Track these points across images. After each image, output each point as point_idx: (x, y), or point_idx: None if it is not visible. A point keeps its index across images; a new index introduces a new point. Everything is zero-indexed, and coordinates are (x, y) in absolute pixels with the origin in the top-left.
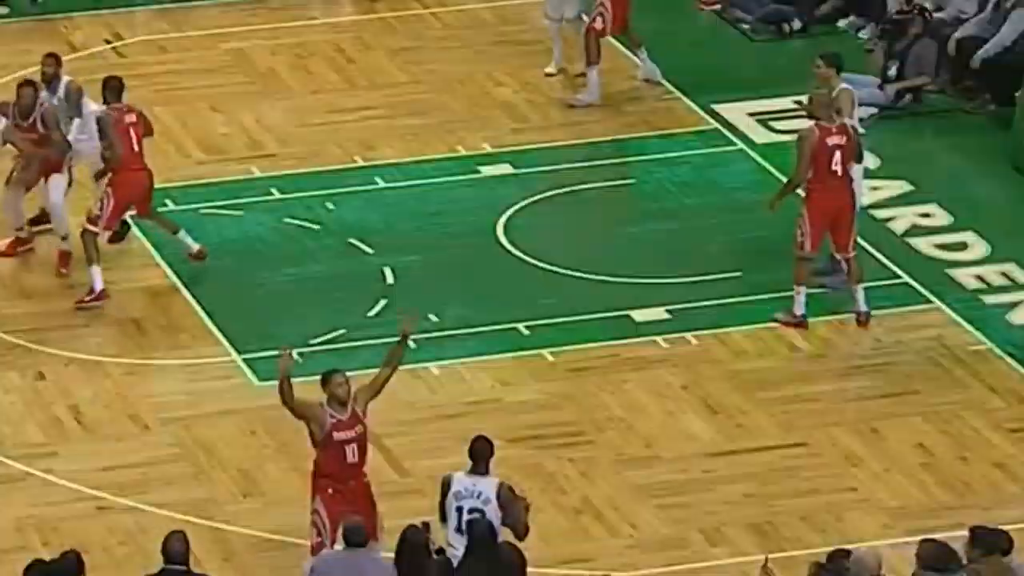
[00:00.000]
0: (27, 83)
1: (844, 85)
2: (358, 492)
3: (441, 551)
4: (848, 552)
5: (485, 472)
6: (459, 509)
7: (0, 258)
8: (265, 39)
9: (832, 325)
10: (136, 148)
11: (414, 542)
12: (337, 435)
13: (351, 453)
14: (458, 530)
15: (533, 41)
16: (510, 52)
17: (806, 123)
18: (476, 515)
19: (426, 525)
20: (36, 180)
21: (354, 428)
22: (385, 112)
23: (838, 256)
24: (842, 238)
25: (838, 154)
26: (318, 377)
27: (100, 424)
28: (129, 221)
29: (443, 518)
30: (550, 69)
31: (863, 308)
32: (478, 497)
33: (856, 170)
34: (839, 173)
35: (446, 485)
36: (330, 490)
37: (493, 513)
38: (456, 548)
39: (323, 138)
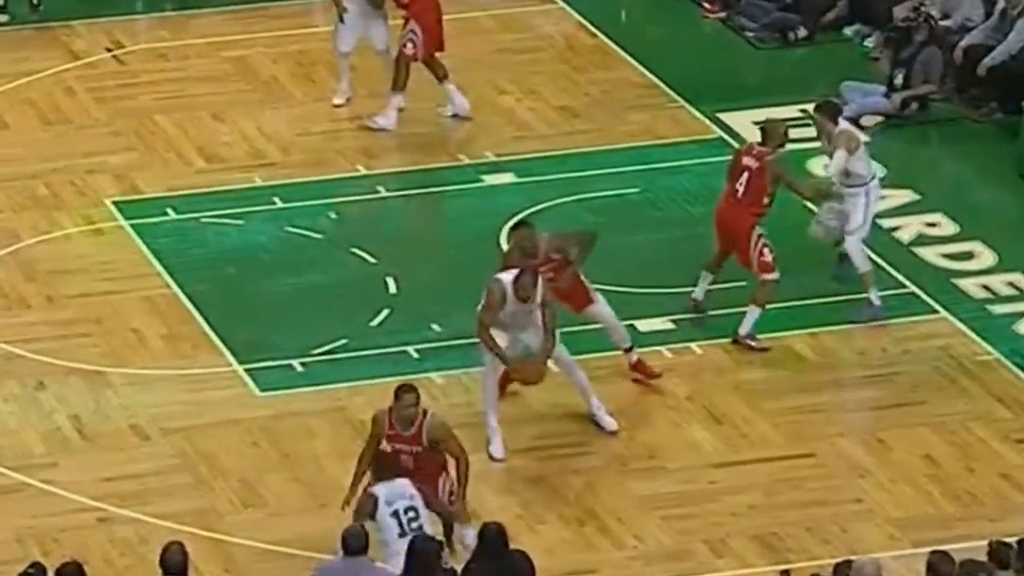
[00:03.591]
0: None
1: (842, 127)
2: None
3: (453, 572)
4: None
5: (391, 478)
6: (395, 513)
7: (0, 267)
8: (267, 47)
9: (838, 335)
10: None
11: (423, 551)
12: (390, 444)
13: (404, 462)
14: (401, 535)
15: (536, 49)
16: (512, 60)
17: (808, 131)
18: (412, 514)
19: (440, 543)
20: None
21: (412, 445)
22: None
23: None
24: (741, 256)
25: (746, 175)
26: (320, 387)
27: (101, 434)
28: None
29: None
30: (339, 100)
31: (743, 331)
32: (405, 495)
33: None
34: (739, 193)
35: (374, 502)
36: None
37: (420, 505)
38: (399, 550)
39: (325, 146)
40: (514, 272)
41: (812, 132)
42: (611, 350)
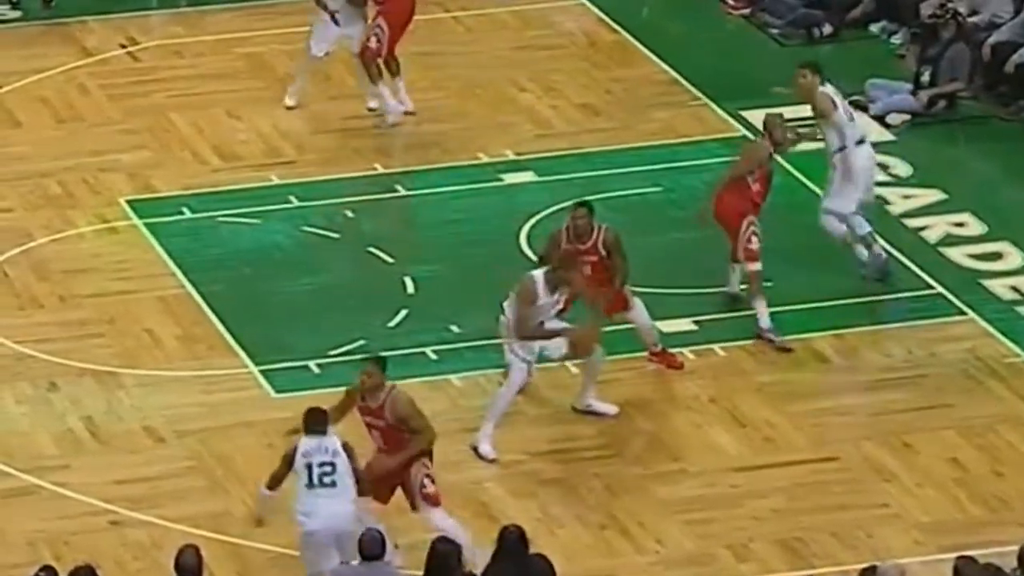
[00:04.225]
0: None
1: (821, 89)
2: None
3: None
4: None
5: (326, 432)
6: (308, 466)
7: (11, 266)
8: (282, 43)
9: (863, 336)
10: None
11: (444, 553)
12: (362, 417)
13: (375, 438)
14: (309, 486)
15: (557, 46)
16: (533, 57)
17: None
18: (327, 469)
19: (460, 548)
20: None
21: (377, 419)
22: (406, 118)
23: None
24: (732, 244)
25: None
26: (337, 389)
27: (114, 436)
28: None
29: (278, 483)
30: (290, 102)
31: (762, 324)
32: (327, 451)
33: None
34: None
35: (294, 450)
36: None
37: (343, 465)
38: (306, 505)
39: (342, 144)
40: (544, 268)
41: None
42: (637, 353)
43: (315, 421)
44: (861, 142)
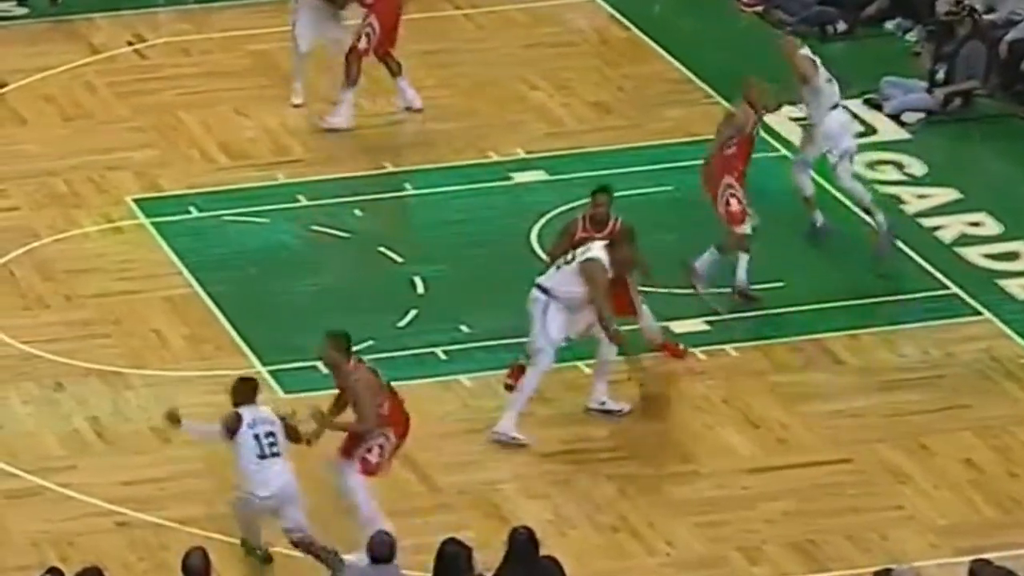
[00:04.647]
0: None
1: (802, 52)
2: None
3: None
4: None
5: (254, 403)
6: (256, 436)
7: (16, 266)
8: (290, 41)
9: (878, 337)
10: None
11: (452, 555)
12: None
13: None
14: (261, 456)
15: (568, 43)
16: (544, 54)
17: None
18: (272, 439)
19: (469, 549)
20: None
21: (343, 392)
22: (415, 116)
23: None
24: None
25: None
26: None
27: (120, 437)
28: None
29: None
30: (297, 100)
31: (738, 281)
32: (267, 421)
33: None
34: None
35: (238, 420)
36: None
37: (280, 431)
38: (258, 475)
39: (351, 143)
40: (603, 244)
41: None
42: (648, 353)
43: (250, 391)
44: (835, 107)
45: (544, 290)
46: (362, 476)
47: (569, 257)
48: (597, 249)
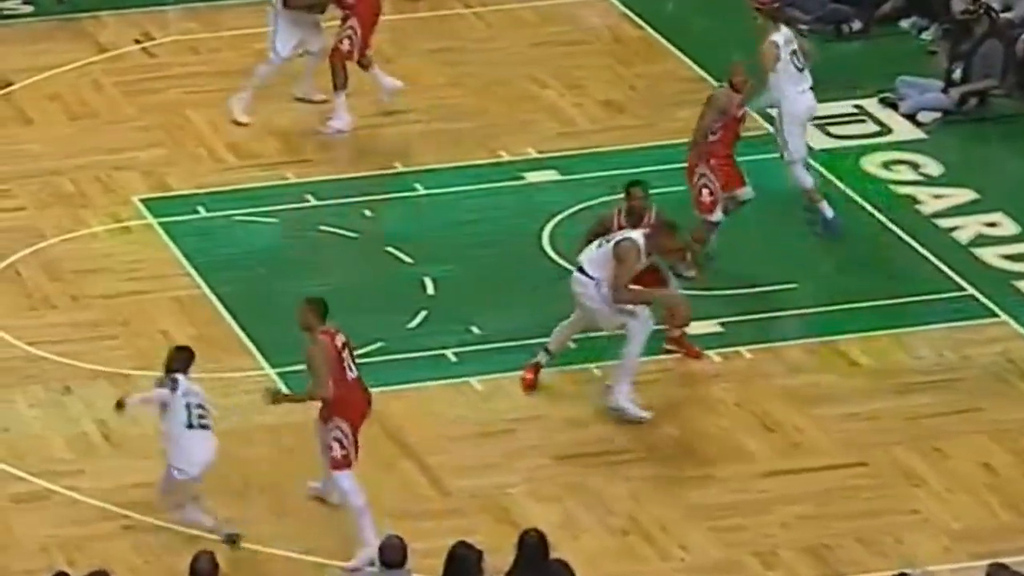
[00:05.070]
0: None
1: (772, 37)
2: None
3: None
4: None
5: (187, 373)
6: (188, 406)
7: (23, 266)
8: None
9: (892, 339)
10: None
11: (462, 557)
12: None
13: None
14: (189, 426)
15: (580, 41)
16: (556, 53)
17: (863, 127)
18: (201, 411)
19: (479, 552)
20: None
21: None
22: (425, 116)
23: None
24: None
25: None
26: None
27: (128, 440)
28: None
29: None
30: (299, 93)
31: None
32: (198, 393)
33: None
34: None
35: (174, 385)
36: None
37: (207, 404)
38: (185, 446)
39: (360, 143)
40: (643, 231)
41: (868, 128)
42: (661, 356)
43: (186, 360)
44: (804, 92)
45: (585, 271)
46: (339, 473)
47: (607, 238)
48: (635, 232)
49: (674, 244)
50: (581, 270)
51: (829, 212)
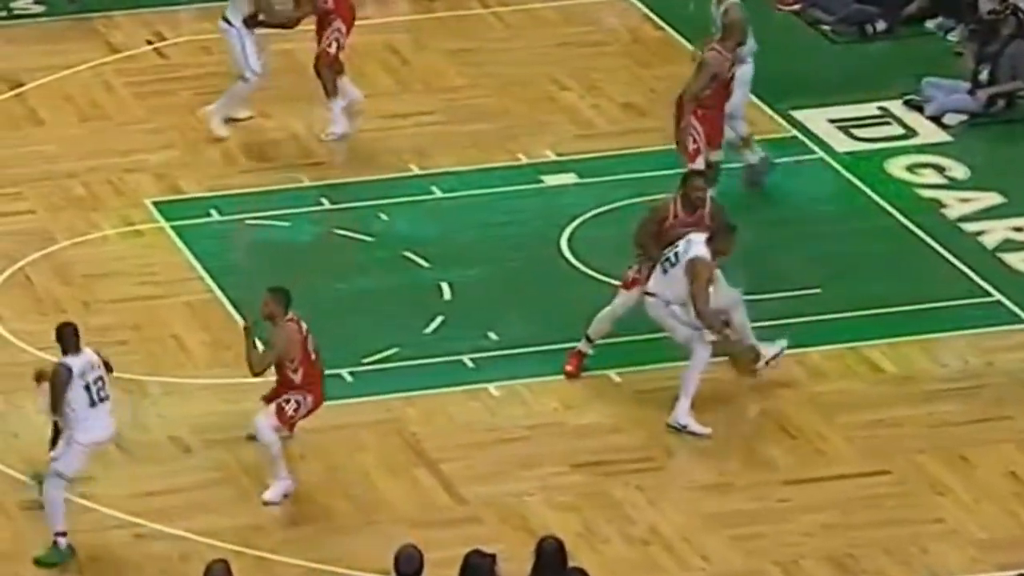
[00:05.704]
0: None
1: (725, 12)
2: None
3: None
4: None
5: (79, 349)
6: (87, 386)
7: (33, 270)
8: (313, 40)
9: (917, 345)
10: None
11: (476, 566)
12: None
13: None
14: (91, 405)
15: (600, 43)
16: (575, 54)
17: (887, 129)
18: (100, 383)
19: (492, 557)
20: None
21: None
22: (442, 117)
23: None
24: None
25: None
26: (370, 398)
27: (139, 446)
28: None
29: (57, 409)
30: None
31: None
32: (94, 367)
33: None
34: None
35: (68, 373)
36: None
37: (105, 373)
38: (92, 421)
39: (376, 145)
40: (704, 240)
41: (892, 131)
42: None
43: (74, 336)
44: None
45: (653, 294)
46: (275, 420)
47: (672, 258)
48: (699, 245)
49: (732, 248)
50: (648, 294)
51: (754, 158)
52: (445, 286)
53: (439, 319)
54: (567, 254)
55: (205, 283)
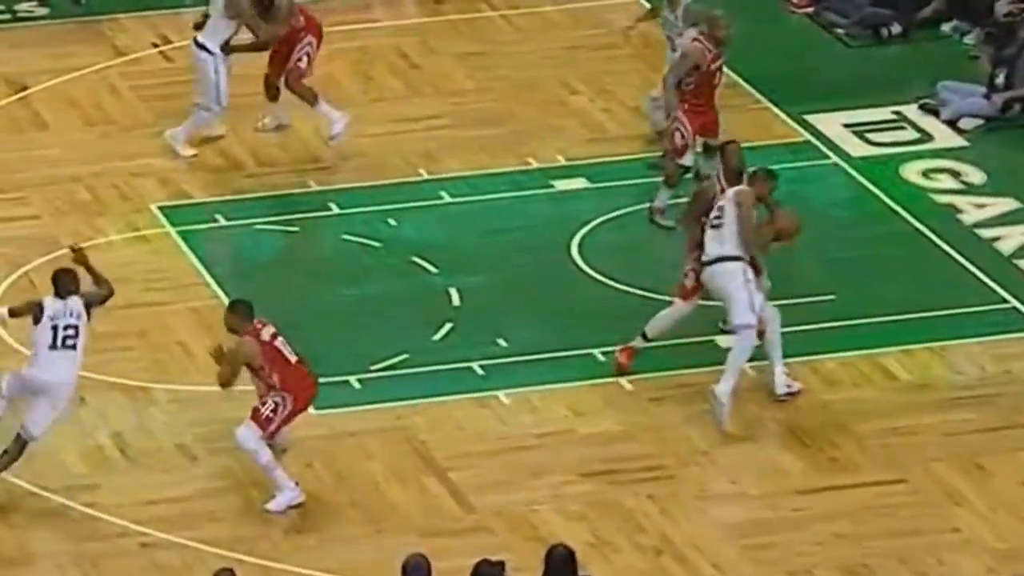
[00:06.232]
0: None
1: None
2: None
3: None
4: None
5: (71, 293)
6: (55, 328)
7: (37, 276)
8: (323, 43)
9: (933, 353)
10: None
11: (486, 575)
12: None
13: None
14: (52, 347)
15: (610, 46)
16: (585, 57)
17: (902, 134)
18: (71, 331)
19: (501, 564)
20: None
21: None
22: (451, 121)
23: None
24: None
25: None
26: (378, 405)
27: (145, 454)
28: None
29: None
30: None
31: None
32: (72, 314)
33: None
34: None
35: (40, 309)
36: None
37: (84, 328)
38: (43, 362)
39: (385, 149)
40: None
41: (907, 135)
42: (693, 369)
43: (67, 282)
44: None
45: (729, 258)
46: (253, 424)
47: (718, 213)
48: (738, 186)
49: (769, 191)
50: (712, 262)
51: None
52: (454, 292)
53: (448, 325)
54: (577, 259)
55: (211, 289)
